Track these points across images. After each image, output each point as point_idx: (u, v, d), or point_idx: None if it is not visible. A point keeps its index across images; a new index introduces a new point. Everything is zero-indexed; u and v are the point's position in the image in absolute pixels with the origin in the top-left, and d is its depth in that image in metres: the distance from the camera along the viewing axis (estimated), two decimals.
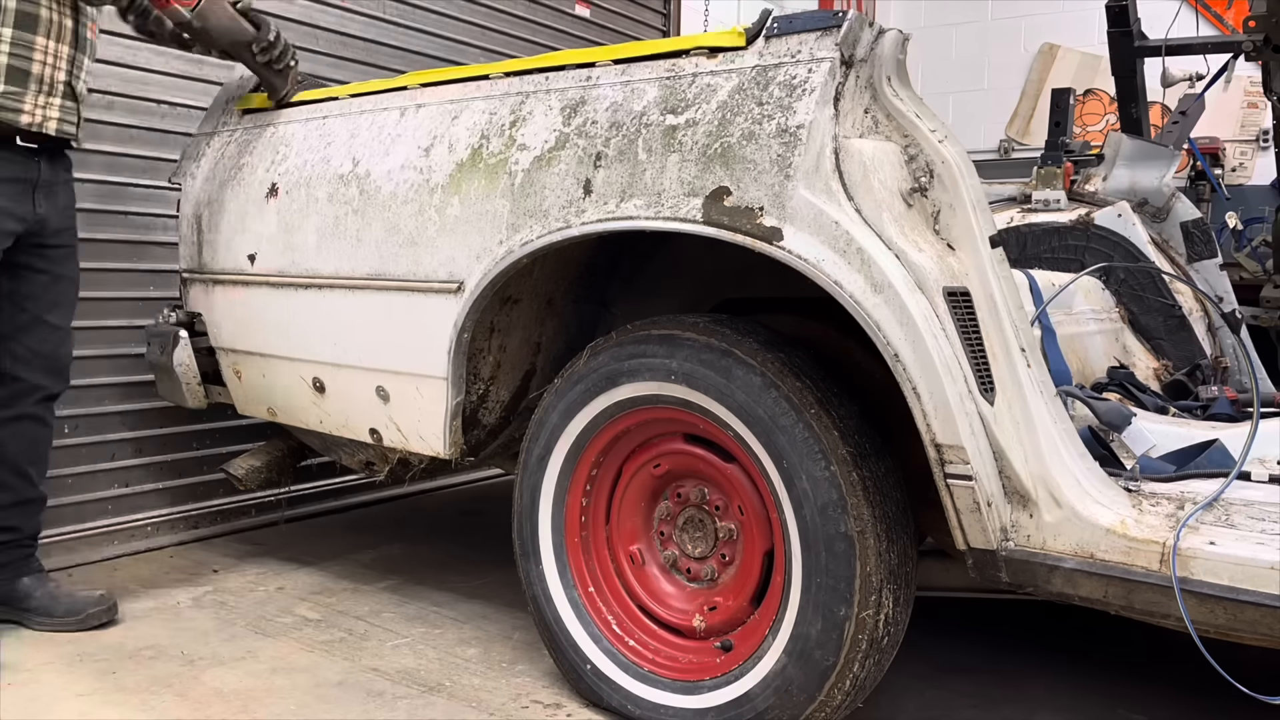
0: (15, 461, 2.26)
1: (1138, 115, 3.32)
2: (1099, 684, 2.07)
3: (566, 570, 1.91)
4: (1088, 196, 3.02)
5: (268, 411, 2.44)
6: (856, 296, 1.50)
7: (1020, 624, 2.40)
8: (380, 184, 2.05)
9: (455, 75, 2.06)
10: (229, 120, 2.49)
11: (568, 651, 1.90)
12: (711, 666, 1.77)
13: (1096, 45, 5.12)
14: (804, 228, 1.53)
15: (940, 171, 1.55)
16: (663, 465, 1.86)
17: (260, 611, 2.39)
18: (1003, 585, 1.56)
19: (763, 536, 1.73)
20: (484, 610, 2.42)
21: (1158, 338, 2.79)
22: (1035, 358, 1.57)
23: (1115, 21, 3.23)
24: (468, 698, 1.95)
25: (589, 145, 1.77)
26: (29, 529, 2.32)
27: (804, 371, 1.63)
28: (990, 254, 1.54)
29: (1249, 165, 5.39)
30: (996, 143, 6.25)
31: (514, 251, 1.83)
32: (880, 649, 1.60)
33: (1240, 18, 3.68)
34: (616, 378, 1.77)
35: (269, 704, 1.91)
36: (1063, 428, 1.55)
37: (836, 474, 1.55)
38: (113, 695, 1.93)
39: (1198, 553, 1.41)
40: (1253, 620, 1.36)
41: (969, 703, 1.98)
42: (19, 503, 2.28)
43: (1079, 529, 1.49)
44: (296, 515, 3.18)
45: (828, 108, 1.54)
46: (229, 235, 2.37)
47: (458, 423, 2.02)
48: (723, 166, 1.61)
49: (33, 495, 2.31)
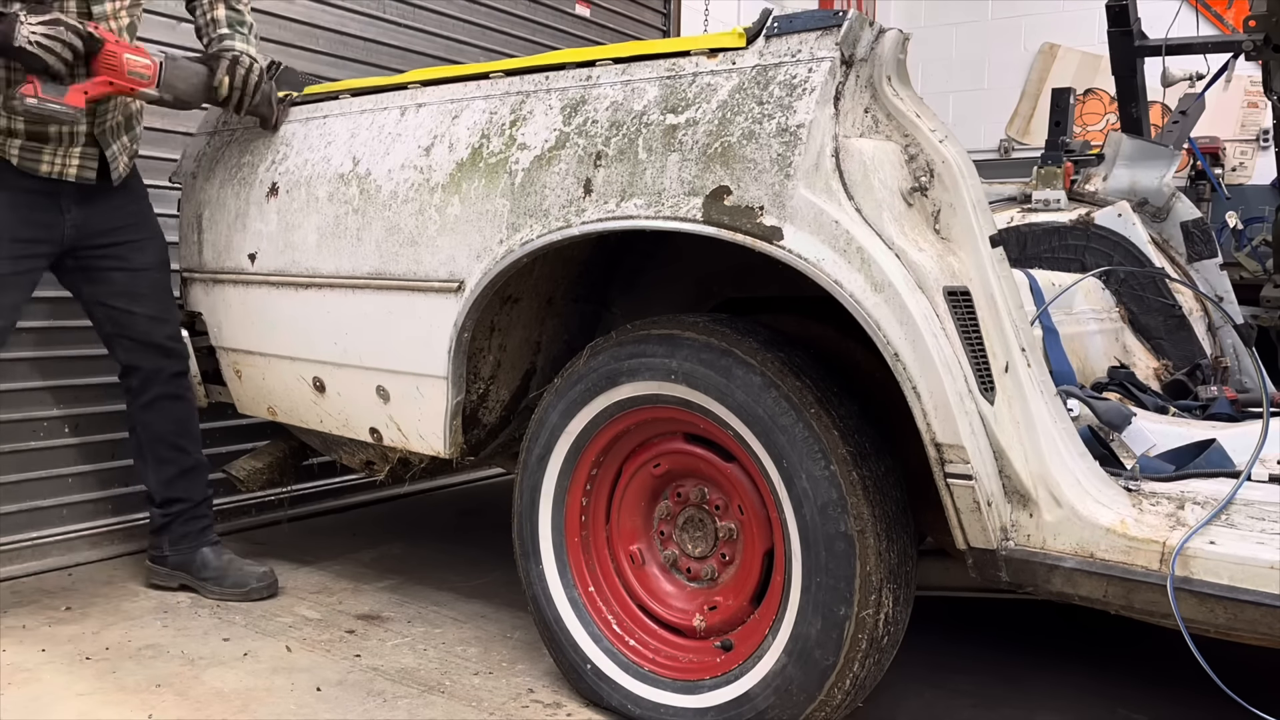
0: (168, 436, 2.45)
1: (1138, 115, 3.32)
2: (1099, 684, 2.07)
3: (566, 570, 1.91)
4: (1088, 196, 3.02)
5: (268, 411, 2.44)
6: (856, 296, 1.50)
7: (1020, 624, 2.40)
8: (380, 183, 2.05)
9: (455, 74, 2.06)
10: (229, 120, 2.49)
11: (568, 651, 1.90)
12: (712, 666, 1.77)
13: (1097, 45, 5.12)
14: (804, 227, 1.53)
15: (940, 171, 1.55)
16: (663, 465, 1.86)
17: (260, 611, 2.39)
18: (1003, 585, 1.56)
19: (763, 536, 1.73)
20: (484, 610, 2.42)
21: (1158, 337, 2.79)
22: (1035, 357, 1.57)
23: (1115, 21, 3.23)
24: (468, 697, 1.95)
25: (589, 145, 1.77)
26: (197, 495, 2.50)
27: (804, 371, 1.63)
28: (990, 253, 1.54)
29: (1249, 165, 5.39)
30: (996, 142, 6.25)
31: (514, 251, 1.83)
32: (880, 648, 1.60)
33: (1240, 17, 3.68)
34: (616, 377, 1.77)
35: (269, 704, 1.91)
36: (1063, 427, 1.56)
37: (836, 473, 1.55)
38: (113, 695, 1.93)
39: (1198, 552, 1.41)
40: (1253, 620, 1.36)
41: (969, 702, 1.98)
42: (182, 473, 2.47)
43: (1079, 528, 1.49)
44: (297, 515, 3.18)
45: (828, 107, 1.54)
46: (229, 235, 2.37)
47: (458, 422, 2.02)
48: (723, 166, 1.61)
49: (191, 464, 2.49)
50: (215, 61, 2.28)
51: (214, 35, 2.35)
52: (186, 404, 2.47)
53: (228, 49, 2.32)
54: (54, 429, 2.66)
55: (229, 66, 2.26)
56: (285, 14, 3.08)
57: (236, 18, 2.37)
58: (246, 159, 2.37)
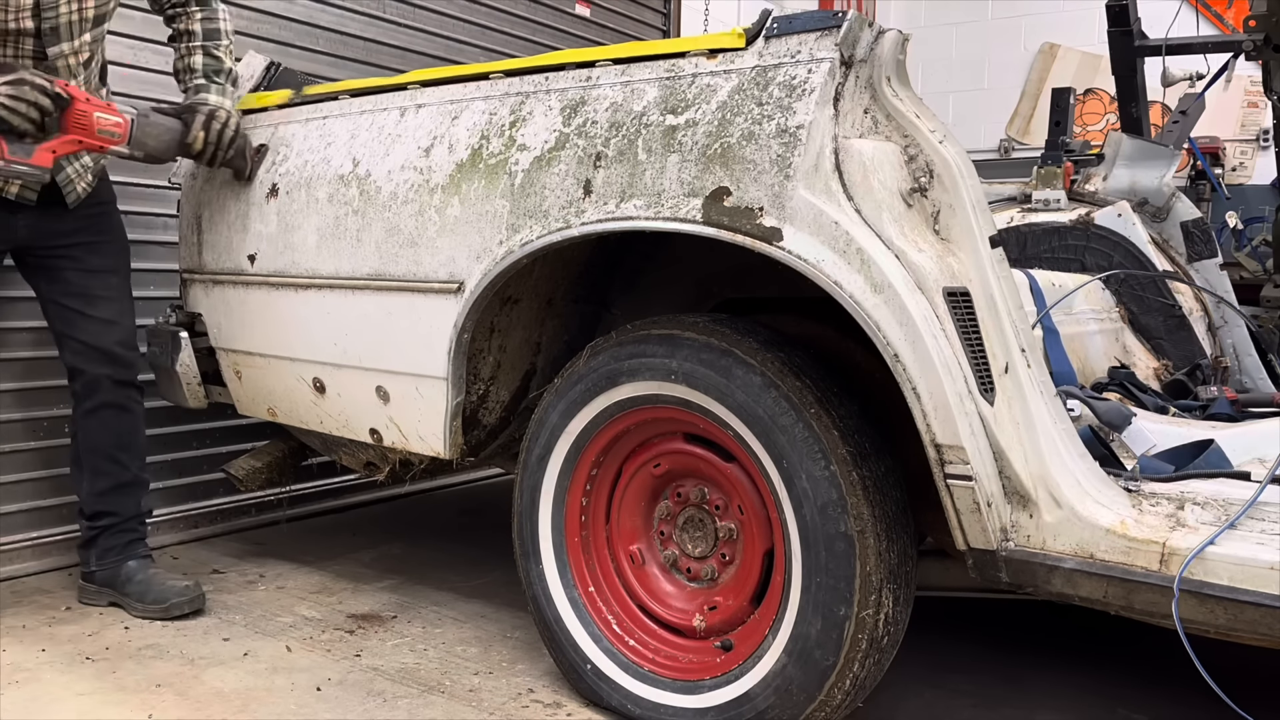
0: (106, 448, 2.37)
1: (1138, 115, 3.32)
2: (1099, 684, 2.07)
3: (566, 570, 1.91)
4: (1088, 196, 3.02)
5: (268, 412, 2.44)
6: (856, 296, 1.50)
7: (1020, 624, 2.40)
8: (380, 184, 2.05)
9: (455, 75, 2.06)
10: None
11: (568, 651, 1.90)
12: (712, 666, 1.77)
13: (1097, 45, 5.13)
14: (804, 228, 1.53)
15: (940, 171, 1.55)
16: (663, 465, 1.86)
17: (260, 611, 2.39)
18: (1003, 585, 1.56)
19: (763, 536, 1.73)
20: (484, 610, 2.42)
21: (1158, 337, 2.80)
22: (1035, 358, 1.57)
23: (1115, 21, 3.23)
24: (467, 697, 1.95)
25: (589, 145, 1.77)
26: (127, 511, 2.42)
27: (804, 371, 1.63)
28: (990, 254, 1.54)
29: (1249, 165, 5.39)
30: (996, 142, 6.26)
31: (514, 252, 1.83)
32: (880, 648, 1.60)
33: (1240, 17, 3.68)
34: (616, 377, 1.78)
35: (269, 704, 1.91)
36: (1063, 428, 1.56)
37: (836, 473, 1.55)
38: (113, 695, 1.93)
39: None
40: (1253, 620, 1.36)
41: (969, 702, 1.98)
42: (116, 487, 2.39)
43: (1079, 529, 1.49)
44: (296, 515, 3.18)
45: (827, 108, 1.54)
46: (229, 235, 2.37)
47: (458, 423, 2.02)
48: (722, 167, 1.61)
49: (128, 479, 2.41)
50: (190, 115, 2.24)
51: (190, 84, 2.33)
52: (132, 416, 2.40)
53: (202, 101, 2.28)
54: (54, 428, 2.66)
55: (204, 122, 2.23)
56: (285, 14, 3.08)
57: (214, 65, 2.33)
58: None
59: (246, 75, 2.51)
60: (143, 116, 2.19)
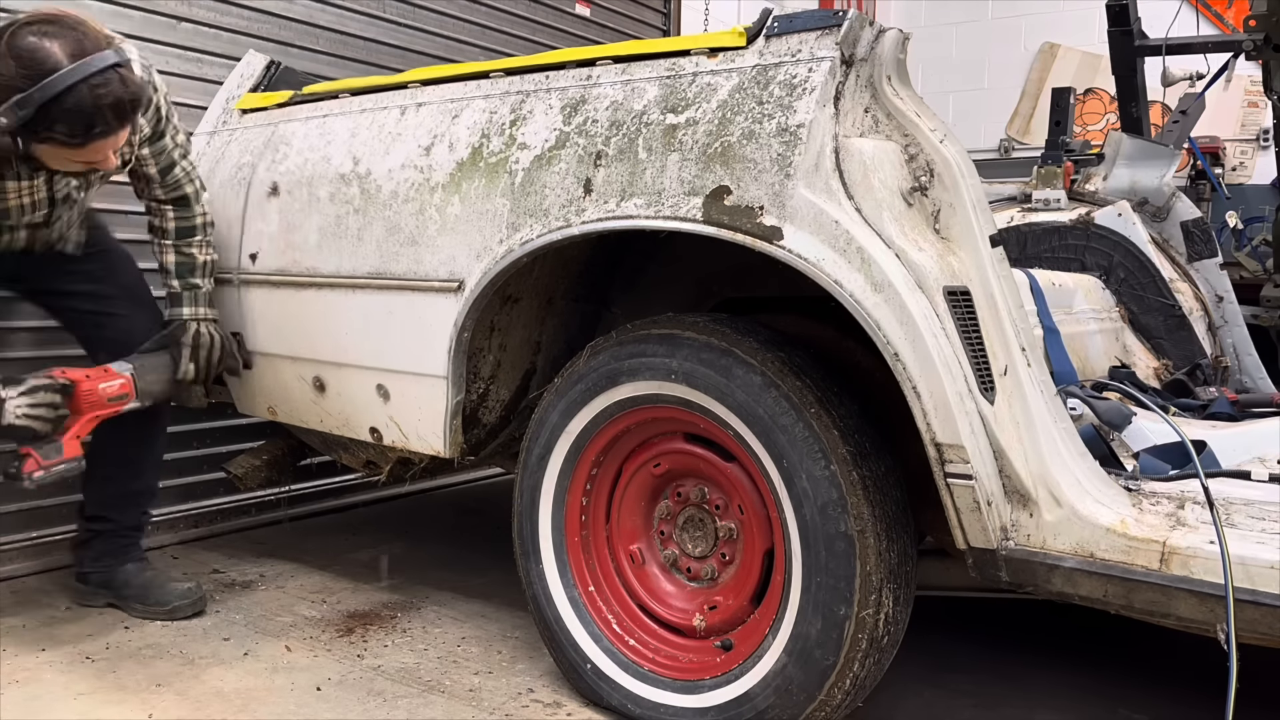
0: (124, 450, 2.34)
1: (1138, 114, 3.32)
2: (1099, 684, 2.07)
3: (567, 569, 1.91)
4: (1088, 196, 3.02)
5: (268, 410, 2.44)
6: (856, 296, 1.49)
7: (1020, 624, 2.40)
8: (381, 183, 2.05)
9: (455, 74, 2.06)
10: (229, 119, 2.49)
11: (568, 650, 1.90)
12: (712, 666, 1.77)
13: (1097, 44, 5.12)
14: (804, 227, 1.53)
15: (940, 171, 1.55)
16: (663, 464, 1.86)
17: (260, 611, 2.39)
18: (1003, 585, 1.56)
19: (763, 536, 1.73)
20: (484, 609, 2.42)
21: (1158, 337, 2.80)
22: (1035, 357, 1.57)
23: (1115, 21, 3.23)
24: (467, 696, 1.95)
25: (589, 144, 1.77)
26: (128, 521, 2.40)
27: (804, 371, 1.63)
28: (990, 253, 1.54)
29: (1249, 164, 5.39)
30: (996, 142, 6.26)
31: (514, 251, 1.83)
32: (880, 648, 1.60)
33: (1240, 17, 3.68)
34: (616, 377, 1.77)
35: (269, 703, 1.91)
36: (1063, 427, 1.56)
37: (836, 473, 1.55)
38: (113, 695, 1.93)
39: (1198, 552, 1.41)
40: (1253, 620, 1.36)
41: (969, 702, 1.98)
42: (123, 494, 2.38)
43: (1079, 528, 1.49)
44: (296, 514, 3.18)
45: (828, 107, 1.54)
46: (230, 234, 2.37)
47: (458, 422, 2.02)
48: (723, 166, 1.61)
49: (139, 487, 2.40)
50: (176, 350, 2.25)
51: (166, 287, 2.29)
52: (158, 421, 2.37)
53: (180, 327, 2.26)
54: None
55: (190, 354, 2.25)
56: (285, 14, 3.08)
57: (187, 264, 2.29)
58: (247, 159, 2.37)
59: (247, 75, 2.51)
60: (139, 367, 2.19)
